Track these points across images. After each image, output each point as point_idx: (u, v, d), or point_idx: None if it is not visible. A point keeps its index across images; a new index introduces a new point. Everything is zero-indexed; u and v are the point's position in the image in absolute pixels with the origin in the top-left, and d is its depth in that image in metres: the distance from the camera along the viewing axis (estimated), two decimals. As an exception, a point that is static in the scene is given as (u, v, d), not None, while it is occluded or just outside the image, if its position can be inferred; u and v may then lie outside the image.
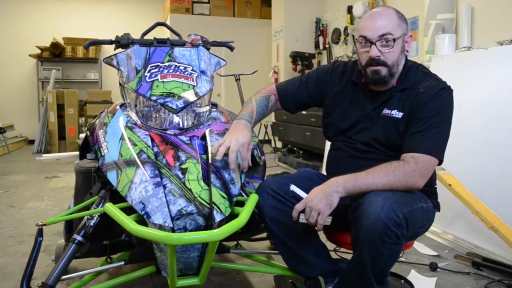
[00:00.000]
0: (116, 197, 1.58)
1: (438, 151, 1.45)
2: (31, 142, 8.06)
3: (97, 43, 2.00)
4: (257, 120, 1.71)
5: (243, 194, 1.68)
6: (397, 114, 1.54)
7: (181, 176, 1.47)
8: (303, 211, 1.40)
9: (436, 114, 1.46)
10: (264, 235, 2.17)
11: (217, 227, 1.37)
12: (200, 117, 1.76)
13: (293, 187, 1.48)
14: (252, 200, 1.48)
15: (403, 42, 1.55)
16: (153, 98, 1.67)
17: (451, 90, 1.53)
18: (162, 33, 2.15)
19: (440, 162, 1.48)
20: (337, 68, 1.76)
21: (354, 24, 5.70)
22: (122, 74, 1.81)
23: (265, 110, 1.75)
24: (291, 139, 5.84)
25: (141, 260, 1.78)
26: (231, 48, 2.18)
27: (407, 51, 1.58)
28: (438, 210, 1.63)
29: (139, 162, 1.49)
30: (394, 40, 1.50)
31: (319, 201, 1.36)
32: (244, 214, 1.35)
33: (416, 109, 1.50)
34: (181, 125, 1.70)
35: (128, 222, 1.26)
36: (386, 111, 1.57)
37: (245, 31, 8.10)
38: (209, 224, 1.40)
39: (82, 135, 1.97)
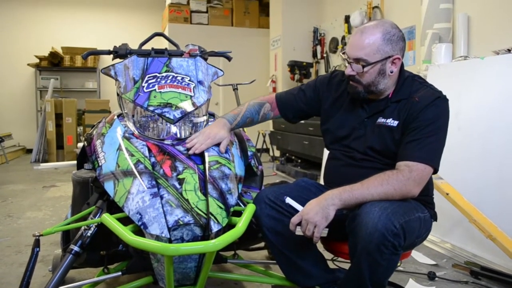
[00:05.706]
0: (113, 207, 1.59)
1: (432, 159, 1.45)
2: (29, 151, 8.05)
3: (95, 53, 2.01)
4: (240, 123, 1.77)
5: (241, 204, 1.68)
6: (392, 122, 1.55)
7: (178, 186, 1.47)
8: (299, 223, 1.41)
9: (431, 123, 1.47)
10: (262, 244, 2.17)
11: (214, 237, 1.36)
12: (198, 127, 1.77)
13: (288, 200, 1.48)
14: (250, 210, 1.48)
15: (383, 66, 1.52)
16: (151, 108, 1.68)
17: (447, 100, 1.54)
18: (160, 43, 2.16)
19: (436, 171, 1.48)
20: (335, 77, 1.78)
21: (352, 33, 5.73)
22: (119, 84, 1.81)
23: (255, 115, 1.79)
24: (289, 148, 5.84)
25: (138, 271, 1.77)
26: (229, 58, 2.19)
27: (391, 72, 1.54)
28: (435, 219, 1.63)
29: (136, 173, 1.49)
30: (369, 65, 1.51)
31: (315, 214, 1.37)
32: (242, 224, 1.35)
33: (411, 118, 1.51)
34: (178, 135, 1.70)
35: (125, 233, 1.26)
36: (381, 120, 1.58)
37: (243, 40, 8.13)
38: (206, 234, 1.39)
39: (80, 145, 1.97)
